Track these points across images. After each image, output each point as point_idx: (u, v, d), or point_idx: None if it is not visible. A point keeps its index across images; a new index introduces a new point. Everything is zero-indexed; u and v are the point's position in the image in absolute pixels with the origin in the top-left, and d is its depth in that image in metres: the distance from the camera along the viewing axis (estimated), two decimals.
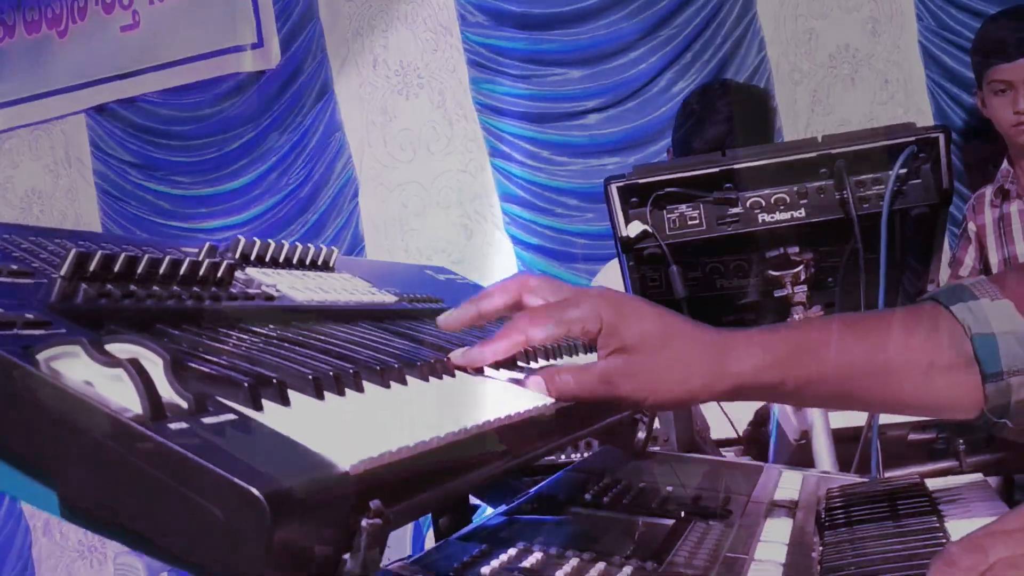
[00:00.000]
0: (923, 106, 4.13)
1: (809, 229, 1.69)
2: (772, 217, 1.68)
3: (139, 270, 0.69)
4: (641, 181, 1.69)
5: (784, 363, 0.98)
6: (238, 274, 0.86)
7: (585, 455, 1.57)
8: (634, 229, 1.70)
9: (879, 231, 1.62)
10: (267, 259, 0.97)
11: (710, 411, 2.14)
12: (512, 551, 0.82)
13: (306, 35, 4.91)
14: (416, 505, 0.62)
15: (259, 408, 0.56)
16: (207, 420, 0.50)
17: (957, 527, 1.01)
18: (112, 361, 0.48)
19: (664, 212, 1.70)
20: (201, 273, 0.77)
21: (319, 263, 1.07)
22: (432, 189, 4.82)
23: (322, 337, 0.82)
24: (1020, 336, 0.95)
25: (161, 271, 0.71)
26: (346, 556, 0.53)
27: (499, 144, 4.65)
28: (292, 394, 0.61)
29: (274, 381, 0.59)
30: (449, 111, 4.78)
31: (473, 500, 1.30)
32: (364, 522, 0.52)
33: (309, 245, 1.06)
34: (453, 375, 0.88)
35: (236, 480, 0.45)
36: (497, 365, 0.95)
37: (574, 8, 4.50)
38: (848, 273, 1.71)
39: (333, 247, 1.11)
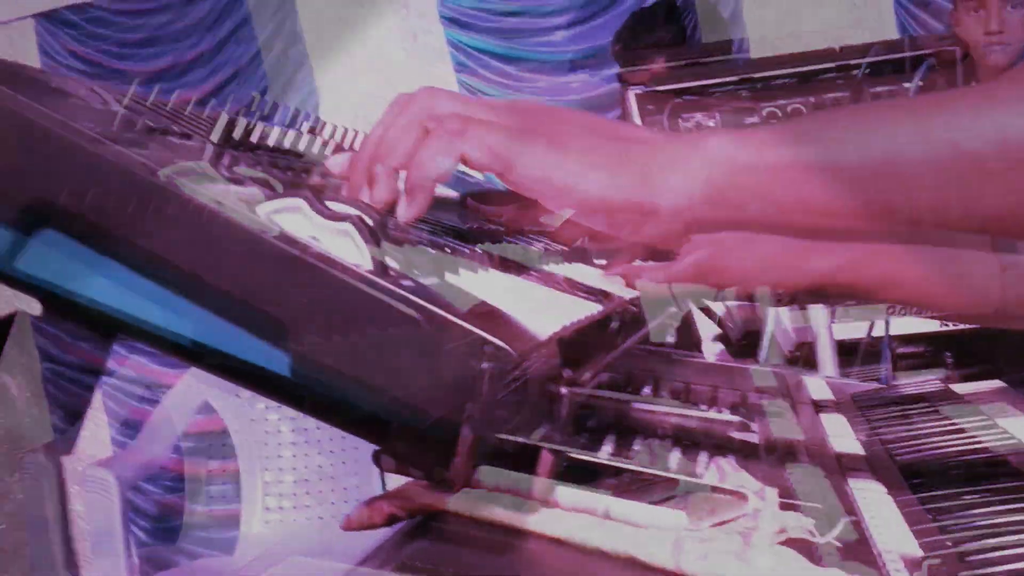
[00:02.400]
0: (890, 31, 4.13)
1: None
2: None
3: (271, 141, 0.66)
4: (660, 89, 1.68)
5: (860, 263, 0.99)
6: None
7: None
8: None
9: None
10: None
11: None
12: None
13: None
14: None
15: (443, 276, 0.54)
16: (422, 281, 0.49)
17: (1010, 424, 1.02)
18: (339, 216, 0.46)
19: (680, 120, 1.70)
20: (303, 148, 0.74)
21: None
22: None
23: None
24: None
25: (287, 142, 0.69)
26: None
27: (465, 59, 4.58)
28: None
29: (447, 251, 0.58)
30: (414, 23, 4.68)
31: None
32: (564, 390, 0.51)
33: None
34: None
35: (486, 335, 0.43)
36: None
37: None
38: None
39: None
